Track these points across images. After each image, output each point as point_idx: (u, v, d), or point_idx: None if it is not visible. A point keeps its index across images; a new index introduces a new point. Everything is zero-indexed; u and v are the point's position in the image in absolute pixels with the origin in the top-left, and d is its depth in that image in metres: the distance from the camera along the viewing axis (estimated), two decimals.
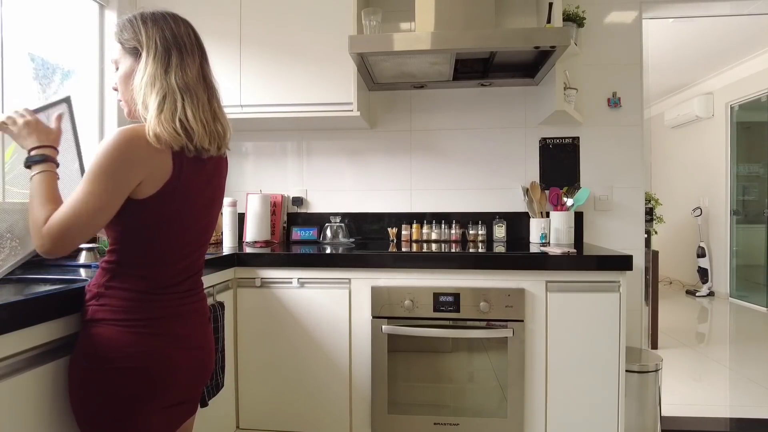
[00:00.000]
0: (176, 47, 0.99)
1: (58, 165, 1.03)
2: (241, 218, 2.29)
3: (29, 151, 1.01)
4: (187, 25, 1.05)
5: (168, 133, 0.93)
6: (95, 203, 0.88)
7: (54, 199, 0.95)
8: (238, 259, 1.85)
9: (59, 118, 1.09)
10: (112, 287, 0.96)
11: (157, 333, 0.97)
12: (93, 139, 2.08)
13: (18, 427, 0.90)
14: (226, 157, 1.16)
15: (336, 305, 1.81)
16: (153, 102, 0.94)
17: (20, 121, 1.03)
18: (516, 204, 2.37)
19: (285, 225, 2.46)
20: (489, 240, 2.32)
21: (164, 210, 0.96)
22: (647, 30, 2.49)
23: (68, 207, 0.90)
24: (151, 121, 0.93)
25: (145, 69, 0.97)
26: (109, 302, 0.95)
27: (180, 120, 0.94)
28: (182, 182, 0.97)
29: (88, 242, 1.71)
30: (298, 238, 2.36)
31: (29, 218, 0.93)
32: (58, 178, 1.01)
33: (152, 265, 0.98)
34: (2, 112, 1.63)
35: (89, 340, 0.94)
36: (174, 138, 0.94)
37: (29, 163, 1.00)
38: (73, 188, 0.91)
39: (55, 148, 1.04)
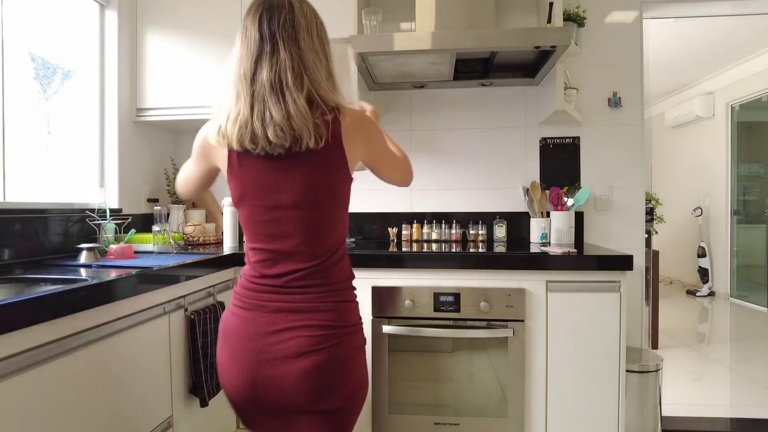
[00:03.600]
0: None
1: None
2: None
3: None
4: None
5: (212, 137, 1.02)
6: (188, 168, 1.18)
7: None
8: (238, 259, 1.85)
9: None
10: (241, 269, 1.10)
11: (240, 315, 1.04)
12: (93, 139, 2.08)
13: (19, 426, 0.90)
14: (320, 149, 0.97)
15: None
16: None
17: None
18: (516, 204, 2.37)
19: None
20: (489, 240, 2.32)
21: (231, 189, 1.04)
22: (647, 30, 2.49)
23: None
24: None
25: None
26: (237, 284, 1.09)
27: (219, 125, 0.99)
28: (234, 172, 1.02)
29: (88, 242, 1.72)
30: None
31: None
32: None
33: (249, 247, 1.07)
34: (3, 111, 1.63)
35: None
36: (218, 141, 1.00)
37: None
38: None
39: None
